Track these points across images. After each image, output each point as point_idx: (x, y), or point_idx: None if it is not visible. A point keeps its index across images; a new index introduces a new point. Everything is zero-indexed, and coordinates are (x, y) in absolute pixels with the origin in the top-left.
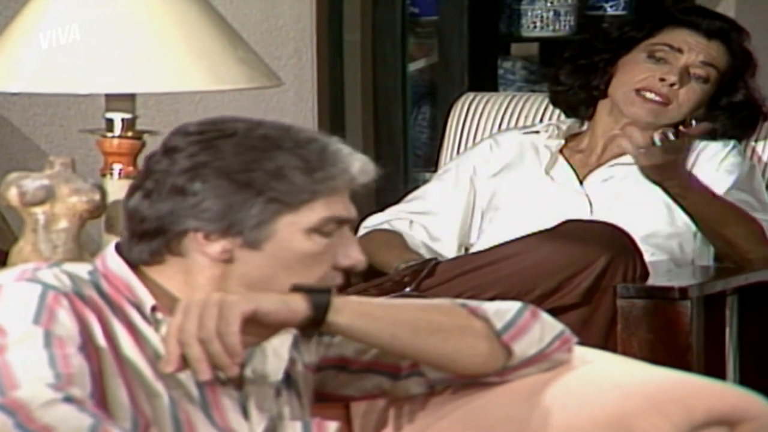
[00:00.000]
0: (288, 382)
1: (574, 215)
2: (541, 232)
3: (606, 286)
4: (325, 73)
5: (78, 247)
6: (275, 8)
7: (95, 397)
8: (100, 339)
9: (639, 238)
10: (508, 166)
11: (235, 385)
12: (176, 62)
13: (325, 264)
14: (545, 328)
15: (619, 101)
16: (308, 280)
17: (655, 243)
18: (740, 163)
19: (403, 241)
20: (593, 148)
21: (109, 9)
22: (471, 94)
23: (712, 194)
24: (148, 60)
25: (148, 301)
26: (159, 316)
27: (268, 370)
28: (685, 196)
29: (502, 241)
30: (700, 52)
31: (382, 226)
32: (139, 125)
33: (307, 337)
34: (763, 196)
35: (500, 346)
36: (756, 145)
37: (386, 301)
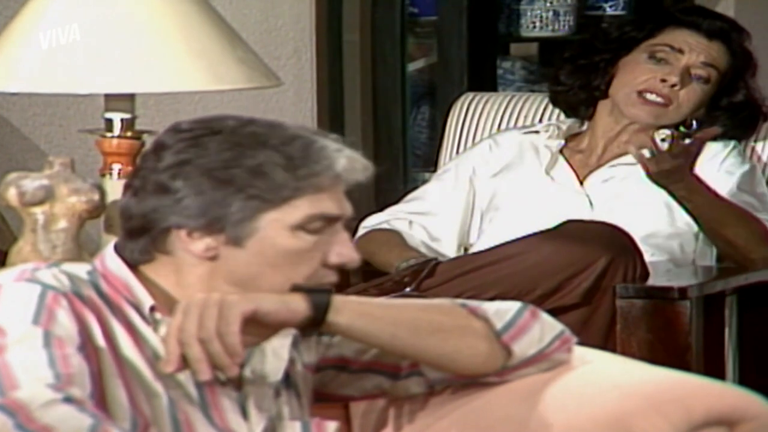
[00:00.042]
0: (287, 382)
1: (575, 215)
2: (542, 233)
3: (606, 286)
4: (325, 73)
5: (77, 247)
6: (275, 8)
7: (94, 398)
8: (99, 339)
9: (639, 238)
10: (508, 167)
11: (234, 386)
12: (176, 62)
13: (314, 261)
14: (545, 328)
15: (619, 102)
16: (296, 278)
17: (656, 243)
18: (741, 164)
19: (403, 240)
20: (593, 149)
21: (108, 9)
22: (470, 94)
23: (716, 195)
24: (147, 60)
25: (147, 302)
26: (158, 316)
27: (268, 371)
28: (691, 198)
29: (502, 242)
30: (700, 52)
31: (382, 226)
32: (139, 125)
33: (307, 337)
34: (764, 196)
35: (500, 346)
36: (756, 145)
37: (386, 301)
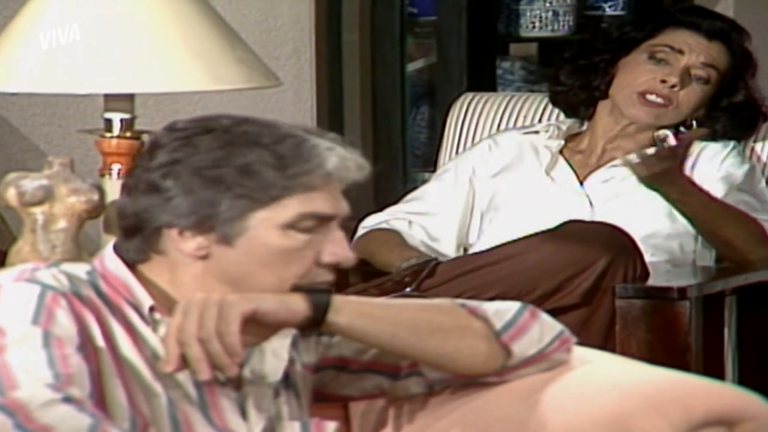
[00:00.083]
0: (287, 382)
1: (575, 216)
2: (542, 233)
3: (606, 286)
4: (324, 73)
5: (76, 247)
6: (274, 8)
7: (94, 398)
8: (99, 339)
9: (639, 238)
10: (508, 167)
11: (233, 386)
12: (175, 62)
13: (307, 260)
14: (544, 329)
15: (619, 102)
16: (288, 277)
17: (655, 243)
18: (740, 164)
19: (403, 240)
20: (593, 149)
21: (108, 9)
22: (470, 94)
23: (710, 197)
24: (147, 60)
25: (146, 302)
26: (157, 316)
27: (267, 371)
28: (684, 200)
29: (502, 242)
30: (700, 53)
31: (381, 226)
32: (138, 125)
33: (307, 337)
34: (764, 196)
35: (499, 346)
36: (756, 145)
37: (386, 301)
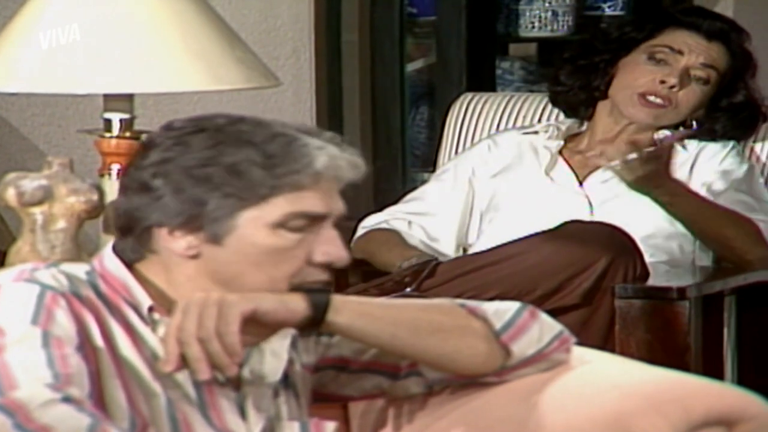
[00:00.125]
0: (286, 382)
1: (574, 216)
2: (542, 233)
3: (606, 286)
4: (324, 74)
5: (76, 248)
6: (273, 8)
7: (93, 398)
8: (98, 339)
9: (638, 238)
10: (507, 167)
11: (232, 386)
12: (174, 62)
13: (297, 260)
14: (544, 329)
15: (619, 103)
16: (279, 276)
17: (655, 244)
18: (739, 164)
19: (403, 240)
20: (593, 149)
21: (107, 9)
22: (469, 95)
23: (702, 199)
24: (146, 60)
25: (145, 302)
26: (156, 316)
27: (266, 371)
28: (674, 202)
29: (501, 242)
30: (700, 53)
31: (381, 226)
32: (138, 125)
33: (306, 337)
34: (763, 196)
35: (499, 346)
36: (755, 145)
37: (386, 301)
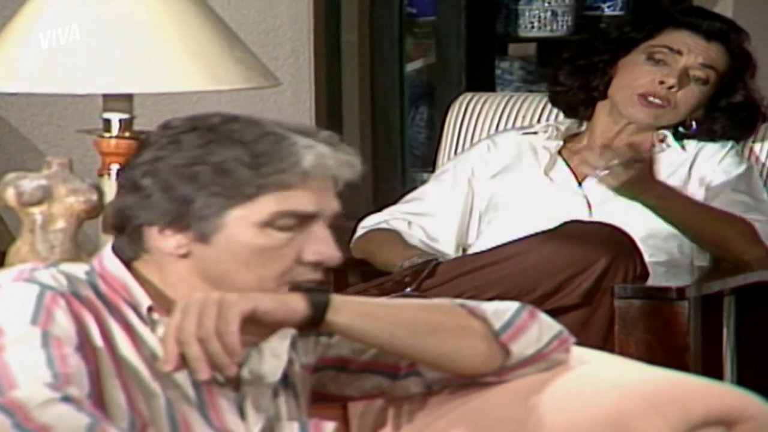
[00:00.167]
0: (285, 382)
1: (573, 216)
2: (542, 233)
3: (606, 286)
4: (323, 74)
5: (75, 248)
6: (273, 8)
7: (92, 397)
8: (97, 339)
9: (638, 238)
10: (507, 168)
11: (232, 386)
12: (174, 62)
13: (286, 259)
14: (543, 329)
15: (618, 103)
16: (267, 275)
17: (654, 244)
18: (738, 164)
19: (403, 239)
20: (592, 150)
21: (107, 9)
22: (468, 95)
23: (692, 201)
24: (145, 60)
25: (145, 302)
26: (155, 316)
27: (265, 371)
28: (664, 206)
29: (501, 242)
30: (699, 54)
31: (381, 226)
32: (137, 125)
33: (305, 337)
34: (761, 196)
35: (498, 346)
36: (755, 145)
37: (385, 301)
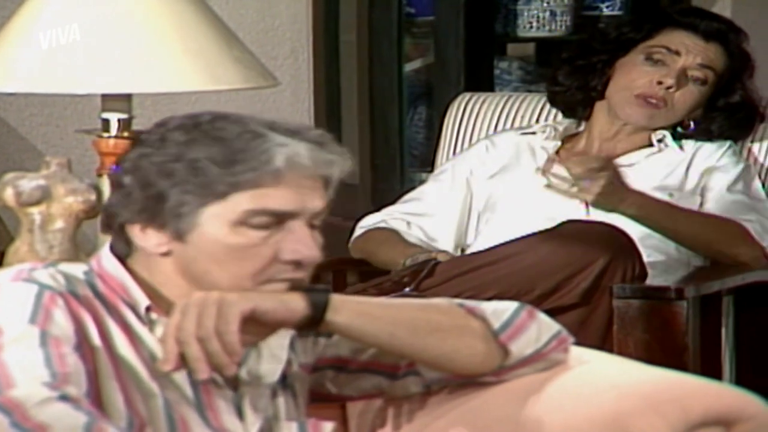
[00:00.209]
0: (284, 382)
1: (571, 216)
2: (541, 233)
3: (605, 286)
4: (322, 74)
5: (74, 247)
6: (271, 8)
7: (90, 397)
8: (96, 339)
9: (636, 238)
10: (505, 168)
11: (230, 386)
12: (173, 62)
13: (262, 257)
14: (542, 328)
15: (615, 104)
16: (243, 274)
17: (652, 244)
18: (735, 163)
19: (402, 238)
20: (590, 150)
21: (106, 9)
22: (467, 95)
23: (672, 206)
24: (144, 60)
25: (143, 302)
26: (153, 316)
27: (264, 371)
28: (644, 215)
29: (499, 242)
30: (697, 54)
31: (379, 225)
32: (136, 125)
33: (304, 337)
34: (759, 195)
35: (497, 345)
36: (753, 145)
37: (385, 301)
